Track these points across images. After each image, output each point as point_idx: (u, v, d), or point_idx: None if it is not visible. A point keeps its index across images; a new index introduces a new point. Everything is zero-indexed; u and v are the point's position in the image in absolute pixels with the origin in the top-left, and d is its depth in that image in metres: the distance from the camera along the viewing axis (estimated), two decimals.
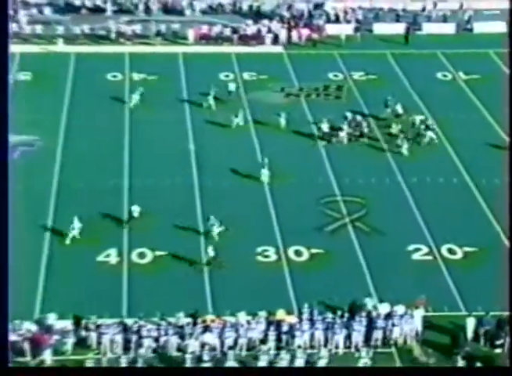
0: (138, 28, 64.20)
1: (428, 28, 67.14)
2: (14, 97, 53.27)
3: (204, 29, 64.31)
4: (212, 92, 53.07)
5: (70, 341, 33.64)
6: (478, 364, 32.50)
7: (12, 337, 33.49)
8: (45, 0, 67.69)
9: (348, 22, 66.89)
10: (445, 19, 68.40)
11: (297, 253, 40.00)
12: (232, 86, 55.30)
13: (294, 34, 64.33)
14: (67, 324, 34.03)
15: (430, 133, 49.21)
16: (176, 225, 40.98)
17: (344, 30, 65.24)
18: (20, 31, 62.77)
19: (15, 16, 64.56)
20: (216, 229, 40.22)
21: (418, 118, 50.73)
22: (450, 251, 40.40)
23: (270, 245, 40.37)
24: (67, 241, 40.08)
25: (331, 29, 65.69)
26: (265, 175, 45.07)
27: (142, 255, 39.33)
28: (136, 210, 41.97)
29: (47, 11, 66.43)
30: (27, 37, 62.33)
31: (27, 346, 33.30)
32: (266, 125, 51.23)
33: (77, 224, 40.31)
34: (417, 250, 40.43)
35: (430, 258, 40.05)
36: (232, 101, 53.94)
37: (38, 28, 63.16)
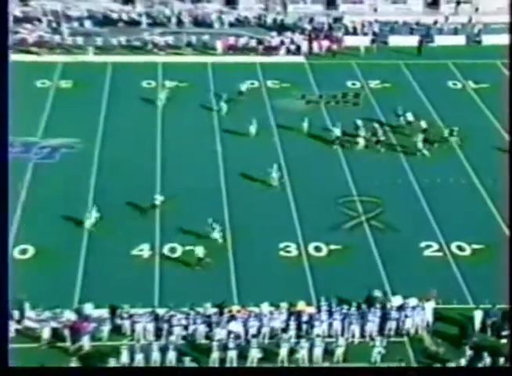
0: (170, 39, 64.24)
1: (440, 40, 66.79)
2: (56, 103, 53.94)
3: (231, 40, 64.27)
4: (224, 96, 53.50)
5: (106, 328, 33.83)
6: (485, 353, 32.37)
7: (53, 324, 33.77)
8: (85, 13, 67.85)
9: (365, 34, 66.66)
10: (455, 31, 68.06)
11: (317, 249, 39.94)
12: (243, 87, 55.70)
13: (315, 45, 64.15)
14: (104, 313, 34.20)
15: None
16: (203, 222, 40.95)
17: (362, 41, 65.05)
18: (63, 42, 62.95)
19: (58, 29, 64.83)
20: (216, 233, 39.87)
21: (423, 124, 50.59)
22: (459, 247, 40.22)
23: (292, 241, 40.34)
24: (88, 227, 40.60)
25: (349, 40, 65.45)
26: (274, 179, 44.85)
27: (172, 250, 39.41)
28: (159, 198, 42.50)
29: (87, 24, 66.59)
30: (68, 47, 62.48)
31: (67, 333, 33.49)
32: (289, 130, 51.15)
33: (94, 214, 40.85)
34: (428, 246, 40.29)
35: (440, 254, 39.91)
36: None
37: (79, 39, 63.31)
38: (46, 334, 33.59)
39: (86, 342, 33.23)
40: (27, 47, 62.01)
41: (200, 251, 38.32)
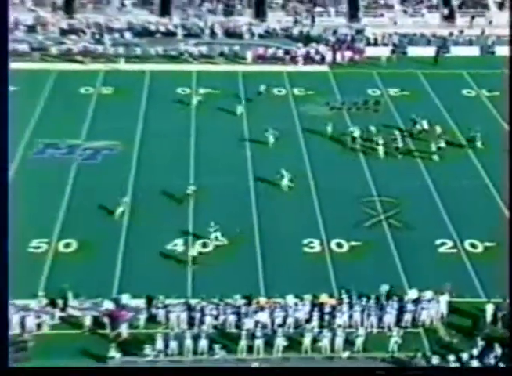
0: (204, 49, 64.29)
1: (455, 51, 66.41)
2: (98, 108, 54.23)
3: (260, 50, 64.23)
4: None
5: (143, 317, 33.95)
6: (496, 344, 32.18)
7: (94, 312, 33.97)
8: (125, 26, 68.14)
9: (386, 45, 66.38)
10: (470, 43, 67.57)
11: (339, 245, 39.85)
12: (261, 88, 56.42)
13: (338, 55, 63.97)
14: (140, 303, 34.34)
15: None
16: (232, 219, 41.06)
17: (382, 52, 64.82)
18: (105, 52, 63.25)
19: (100, 39, 65.14)
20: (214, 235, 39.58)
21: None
22: (472, 245, 39.97)
23: (315, 238, 40.28)
24: (117, 217, 41.18)
25: (370, 51, 65.21)
26: (284, 184, 44.59)
27: (204, 245, 39.48)
28: (191, 188, 42.97)
29: (127, 35, 66.82)
30: (110, 57, 62.77)
31: (106, 321, 33.65)
32: (314, 133, 51.07)
33: (126, 200, 41.75)
34: (443, 244, 40.05)
35: (454, 251, 39.67)
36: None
37: (120, 49, 63.59)
38: (88, 321, 33.82)
39: (124, 330, 33.38)
40: (72, 56, 62.40)
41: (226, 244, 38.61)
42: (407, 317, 34.31)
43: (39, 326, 33.69)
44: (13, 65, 59.55)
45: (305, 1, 72.51)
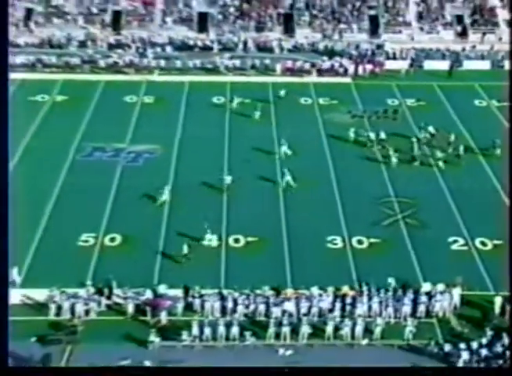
0: (237, 62, 64.36)
1: (468, 65, 65.78)
2: (140, 115, 54.42)
3: (289, 64, 64.13)
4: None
5: (180, 305, 34.02)
6: (504, 334, 31.88)
7: (136, 301, 34.10)
8: (167, 41, 68.35)
9: (404, 59, 66.01)
10: (482, 57, 66.94)
11: (359, 242, 39.68)
12: (282, 92, 56.84)
13: (360, 68, 63.72)
14: (178, 293, 34.42)
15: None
16: (262, 217, 41.11)
17: (400, 65, 64.46)
18: (148, 65, 63.50)
19: (144, 53, 65.39)
20: (209, 237, 39.26)
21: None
22: (482, 243, 39.62)
23: (338, 235, 40.15)
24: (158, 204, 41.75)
25: (390, 64, 64.86)
26: (285, 181, 44.63)
27: (237, 241, 39.49)
28: (228, 178, 43.69)
29: (168, 49, 67.01)
30: (152, 69, 62.98)
31: (147, 309, 33.77)
32: (337, 139, 50.89)
33: (166, 191, 42.18)
34: (456, 241, 39.75)
35: (466, 248, 39.36)
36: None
37: (162, 62, 63.79)
38: (130, 308, 33.97)
39: (163, 317, 33.50)
40: (118, 68, 62.72)
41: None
42: (421, 308, 34.08)
43: (87, 312, 33.91)
44: (65, 76, 60.59)
45: (330, 18, 72.23)
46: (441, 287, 34.78)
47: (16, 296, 33.88)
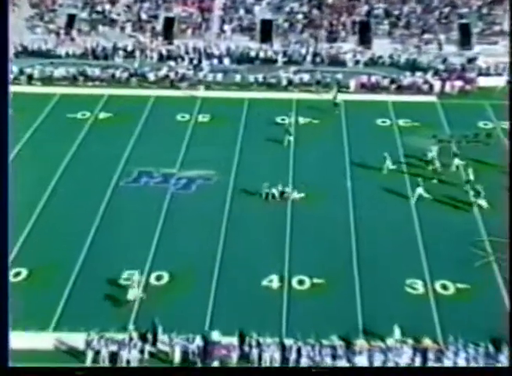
0: (305, 77, 64.79)
1: None
2: (193, 136, 55.05)
3: (364, 79, 64.30)
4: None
5: (235, 355, 34.10)
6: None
7: (184, 348, 34.33)
8: (224, 52, 69.19)
9: (499, 75, 65.48)
10: None
11: (444, 287, 39.34)
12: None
13: (448, 85, 63.50)
14: (233, 340, 34.52)
15: None
16: (330, 256, 41.08)
17: (495, 82, 63.94)
18: (204, 79, 64.36)
19: (198, 65, 66.37)
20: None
21: None
22: None
23: (418, 278, 39.93)
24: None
25: (483, 81, 64.44)
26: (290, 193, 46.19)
27: (301, 282, 39.52)
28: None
29: (226, 61, 67.88)
30: (208, 83, 63.79)
31: (197, 358, 33.95)
32: (419, 168, 50.65)
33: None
34: None
35: None
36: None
37: (219, 76, 64.64)
38: (177, 357, 34.19)
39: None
40: (169, 82, 63.69)
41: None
42: None
43: (128, 361, 34.23)
44: (110, 91, 61.81)
45: (413, 27, 72.23)
46: None
47: (49, 341, 34.50)
